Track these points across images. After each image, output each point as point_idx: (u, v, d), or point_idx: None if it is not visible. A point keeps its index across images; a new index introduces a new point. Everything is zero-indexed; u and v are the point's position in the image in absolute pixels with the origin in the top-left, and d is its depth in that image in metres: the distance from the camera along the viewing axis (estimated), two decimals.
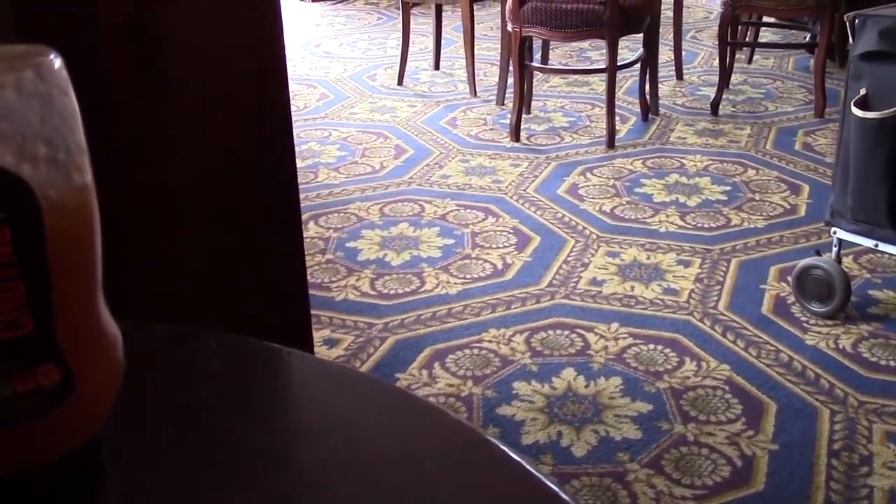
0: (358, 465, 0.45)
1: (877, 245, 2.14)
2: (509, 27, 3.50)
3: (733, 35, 4.16)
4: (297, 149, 3.53)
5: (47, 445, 0.41)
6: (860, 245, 2.23)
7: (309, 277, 2.50)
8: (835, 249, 2.24)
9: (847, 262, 2.50)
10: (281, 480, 0.46)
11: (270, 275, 1.51)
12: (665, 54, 4.41)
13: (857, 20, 2.06)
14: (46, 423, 0.40)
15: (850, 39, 2.09)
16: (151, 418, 0.54)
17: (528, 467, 0.45)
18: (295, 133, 3.82)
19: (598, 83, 4.19)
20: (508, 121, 3.61)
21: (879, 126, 2.04)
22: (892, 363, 2.06)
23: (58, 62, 0.38)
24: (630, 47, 4.34)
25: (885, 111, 2.02)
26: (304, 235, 2.76)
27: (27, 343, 0.38)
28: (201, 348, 0.60)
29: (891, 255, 2.25)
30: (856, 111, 2.07)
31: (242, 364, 0.59)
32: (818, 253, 2.28)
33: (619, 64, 3.47)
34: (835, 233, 2.22)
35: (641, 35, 3.65)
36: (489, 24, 5.31)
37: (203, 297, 1.44)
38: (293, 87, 4.36)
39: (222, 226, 1.46)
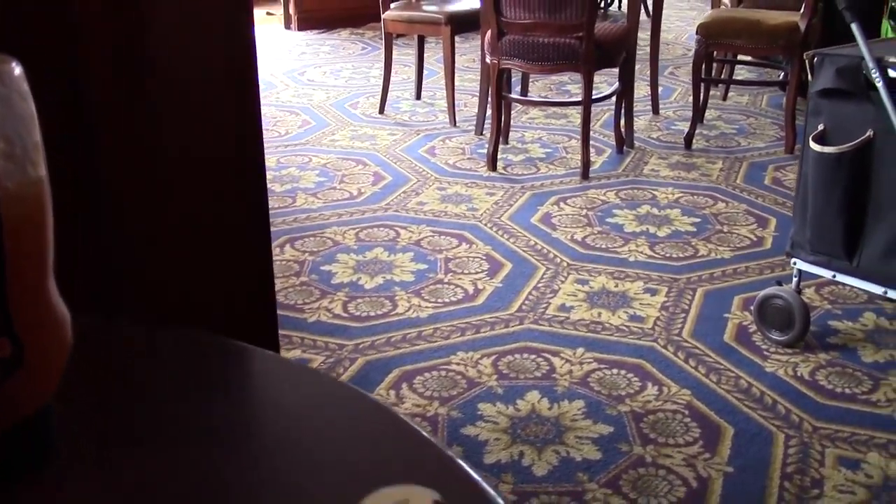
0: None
1: (834, 276, 2.21)
2: (488, 59, 3.58)
3: (708, 72, 4.26)
4: (277, 174, 3.60)
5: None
6: (820, 276, 2.29)
7: (283, 299, 2.55)
8: (795, 280, 2.31)
9: (809, 293, 2.57)
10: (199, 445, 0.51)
11: (239, 276, 1.56)
12: (642, 89, 4.51)
13: (815, 58, 2.14)
14: None
15: (810, 77, 2.17)
16: (105, 399, 0.58)
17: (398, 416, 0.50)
18: (275, 158, 3.89)
19: (576, 115, 4.27)
20: (486, 150, 3.68)
21: (837, 160, 2.11)
22: (847, 391, 2.12)
23: (18, 70, 0.43)
24: (608, 81, 4.43)
25: (842, 146, 2.10)
26: (280, 258, 2.81)
27: None
28: (163, 341, 0.65)
29: (848, 285, 2.31)
30: (814, 146, 2.15)
31: (196, 355, 0.64)
32: (779, 283, 2.34)
33: (594, 97, 3.55)
34: (795, 264, 2.29)
35: (617, 69, 3.74)
36: (471, 55, 5.41)
37: (181, 296, 1.48)
38: (276, 114, 4.43)
39: (197, 232, 1.51)
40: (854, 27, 2.08)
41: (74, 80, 1.35)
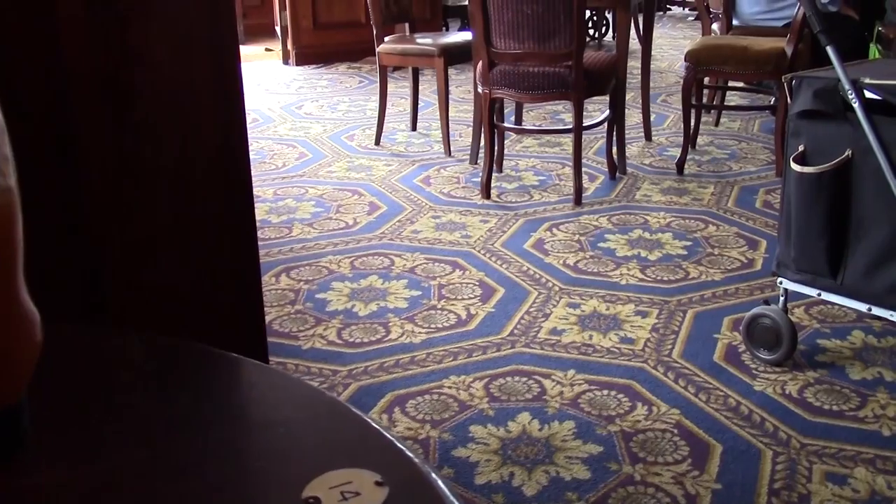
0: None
1: (819, 294, 2.24)
2: (480, 89, 3.64)
3: (700, 98, 4.32)
4: (273, 205, 3.64)
5: None
6: (807, 296, 2.32)
7: (278, 327, 2.58)
8: (781, 299, 2.33)
9: (798, 312, 2.59)
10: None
11: (227, 283, 1.59)
12: (635, 116, 4.57)
13: (793, 81, 2.19)
14: None
15: (789, 100, 2.22)
16: (78, 398, 0.61)
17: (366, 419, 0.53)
18: (272, 190, 3.94)
19: (570, 144, 4.31)
20: (480, 179, 3.73)
21: (817, 180, 2.15)
22: (835, 408, 2.14)
23: None
24: (601, 109, 4.49)
25: (822, 166, 2.14)
26: (276, 287, 2.85)
27: None
28: (130, 346, 0.68)
29: (833, 303, 2.34)
30: (795, 166, 2.19)
31: (166, 359, 0.67)
32: (767, 303, 2.37)
33: (585, 125, 3.61)
34: (781, 283, 2.32)
35: (608, 97, 3.80)
36: (467, 87, 5.48)
37: (170, 308, 1.52)
38: (273, 147, 4.49)
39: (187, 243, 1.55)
40: (830, 50, 2.12)
41: (62, 91, 1.40)
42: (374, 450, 0.51)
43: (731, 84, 4.66)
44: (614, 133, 3.89)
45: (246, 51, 6.79)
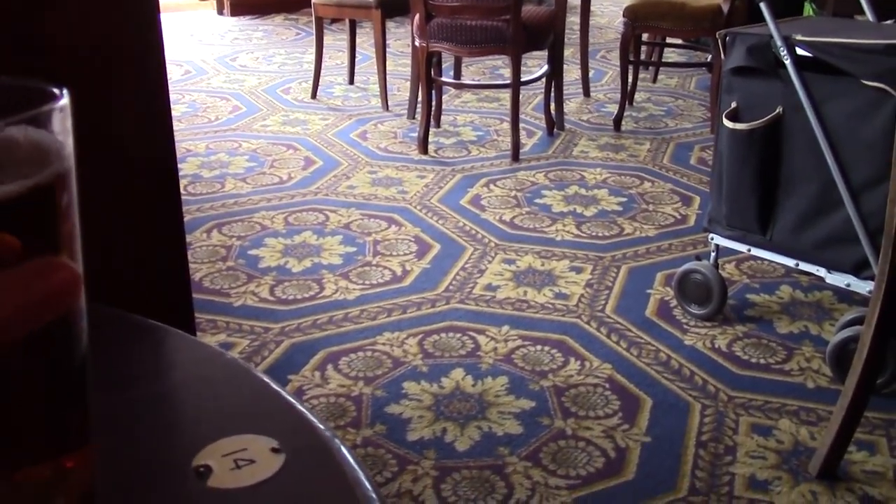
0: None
1: (749, 250, 2.27)
2: (416, 42, 3.58)
3: (638, 55, 4.32)
4: (206, 159, 3.56)
5: None
6: (738, 251, 2.35)
7: (208, 284, 2.53)
8: (713, 255, 2.36)
9: (729, 268, 2.63)
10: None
11: (152, 250, 1.54)
12: (574, 73, 4.56)
13: (727, 37, 2.19)
14: None
15: (722, 55, 2.22)
16: None
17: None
18: (205, 144, 3.84)
19: (508, 99, 4.29)
20: (417, 134, 3.69)
21: (749, 137, 2.17)
22: (762, 361, 2.18)
23: None
24: (540, 64, 4.46)
25: (753, 122, 2.15)
26: (207, 243, 2.79)
27: None
28: None
29: (762, 259, 2.38)
30: (727, 123, 2.20)
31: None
32: (698, 258, 2.40)
33: (523, 80, 3.58)
34: (712, 239, 2.34)
35: (546, 52, 3.77)
36: (405, 40, 5.39)
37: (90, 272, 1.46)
38: (206, 100, 4.38)
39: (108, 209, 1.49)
40: (763, 6, 2.13)
41: None
42: (273, 414, 0.49)
43: (668, 41, 4.66)
44: (552, 89, 3.87)
45: None
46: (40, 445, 0.40)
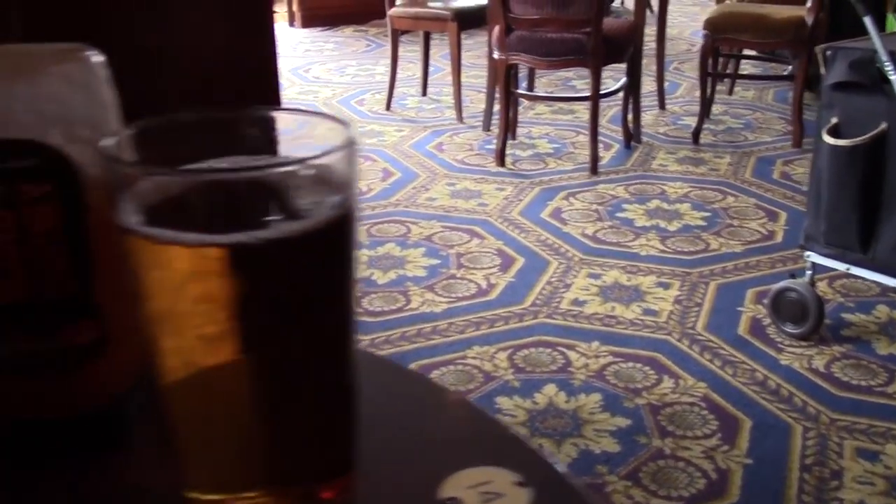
0: None
1: (849, 269, 2.21)
2: (495, 55, 3.58)
3: (714, 67, 4.27)
4: None
5: (77, 397, 0.46)
6: (834, 269, 2.30)
7: None
8: (809, 273, 2.31)
9: (822, 286, 2.57)
10: None
11: None
12: (648, 84, 4.52)
13: (828, 52, 2.15)
14: (82, 375, 0.45)
15: (822, 71, 2.18)
16: None
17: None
18: None
19: (583, 111, 4.28)
20: (494, 146, 3.69)
21: (850, 153, 2.12)
22: (862, 383, 2.12)
23: (99, 58, 0.44)
24: (614, 77, 4.43)
25: (856, 139, 2.10)
26: None
27: (70, 302, 0.44)
28: None
29: (862, 278, 2.32)
30: (828, 139, 2.15)
31: None
32: (793, 276, 2.35)
33: (602, 92, 3.56)
34: (809, 257, 2.29)
35: (624, 65, 3.74)
36: (476, 52, 5.41)
37: None
38: None
39: None
40: (867, 20, 2.08)
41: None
42: (499, 445, 0.48)
43: (745, 52, 4.59)
44: (630, 101, 3.84)
45: None
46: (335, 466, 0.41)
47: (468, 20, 4.17)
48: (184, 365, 0.38)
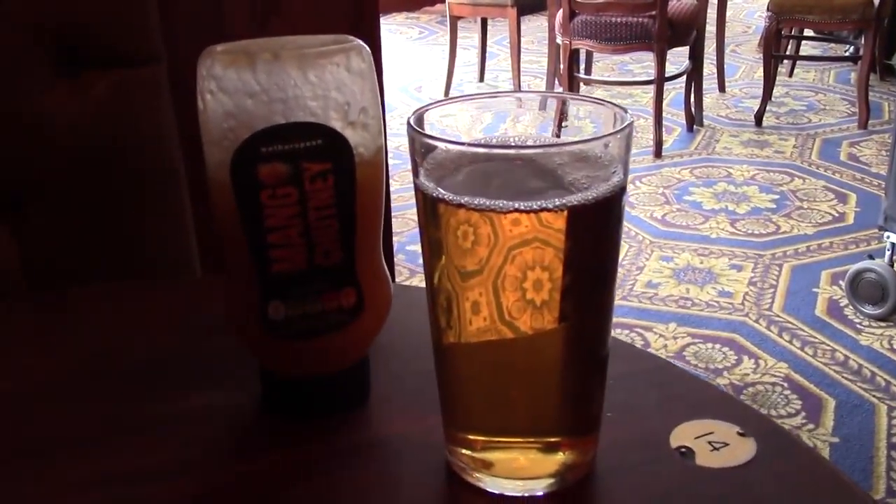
0: None
1: None
2: (559, 40, 3.60)
3: (778, 48, 4.24)
4: None
5: (339, 355, 0.51)
6: None
7: None
8: (888, 254, 2.31)
9: None
10: None
11: None
12: (707, 67, 4.49)
13: None
14: (341, 336, 0.50)
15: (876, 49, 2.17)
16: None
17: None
18: None
19: (641, 95, 4.28)
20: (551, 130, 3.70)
21: None
22: None
23: (367, 48, 0.48)
24: (671, 61, 4.42)
25: None
26: None
27: (335, 270, 0.49)
28: None
29: None
30: None
31: None
32: (871, 257, 2.35)
33: (666, 76, 3.56)
34: (888, 237, 2.29)
35: (685, 48, 3.74)
36: (530, 37, 5.41)
37: None
38: None
39: None
40: None
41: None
42: (716, 404, 0.52)
43: (806, 33, 4.55)
44: (692, 84, 3.84)
45: None
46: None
47: (527, 5, 4.19)
48: (486, 326, 0.42)
